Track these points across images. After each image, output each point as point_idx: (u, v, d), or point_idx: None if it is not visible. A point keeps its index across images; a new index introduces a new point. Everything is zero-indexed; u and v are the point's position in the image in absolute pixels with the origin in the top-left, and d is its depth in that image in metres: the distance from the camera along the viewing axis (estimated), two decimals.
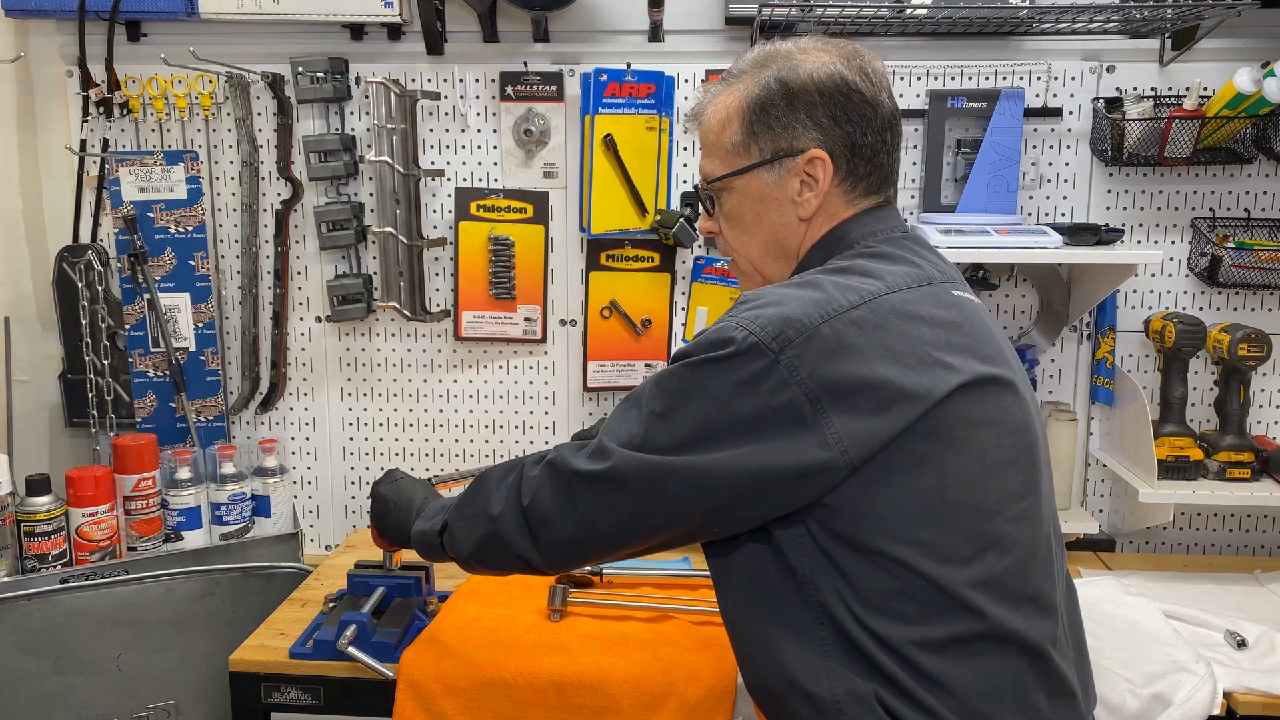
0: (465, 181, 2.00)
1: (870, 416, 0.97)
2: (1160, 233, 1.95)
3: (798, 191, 1.14)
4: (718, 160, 1.18)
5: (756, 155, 1.14)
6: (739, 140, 1.15)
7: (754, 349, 0.98)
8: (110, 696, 1.68)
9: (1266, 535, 2.02)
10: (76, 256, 1.97)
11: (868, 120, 1.12)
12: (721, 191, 1.19)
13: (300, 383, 2.09)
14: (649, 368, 2.05)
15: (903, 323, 1.01)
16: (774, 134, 1.13)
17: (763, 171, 1.14)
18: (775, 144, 1.13)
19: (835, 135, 1.12)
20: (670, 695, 1.43)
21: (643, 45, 1.94)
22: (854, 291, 1.02)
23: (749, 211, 1.17)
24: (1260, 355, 1.80)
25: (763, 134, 1.13)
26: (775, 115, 1.12)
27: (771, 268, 1.20)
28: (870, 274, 1.06)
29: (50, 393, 2.07)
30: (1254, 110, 1.75)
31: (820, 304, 1.00)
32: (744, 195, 1.17)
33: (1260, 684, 1.47)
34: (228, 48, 1.95)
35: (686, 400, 1.02)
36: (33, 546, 1.78)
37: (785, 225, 1.16)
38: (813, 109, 1.11)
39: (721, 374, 1.00)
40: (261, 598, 1.77)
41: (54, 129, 2.02)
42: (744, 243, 1.20)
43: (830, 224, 1.15)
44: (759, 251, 1.19)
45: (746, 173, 1.15)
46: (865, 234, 1.14)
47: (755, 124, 1.14)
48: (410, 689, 1.46)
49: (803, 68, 1.12)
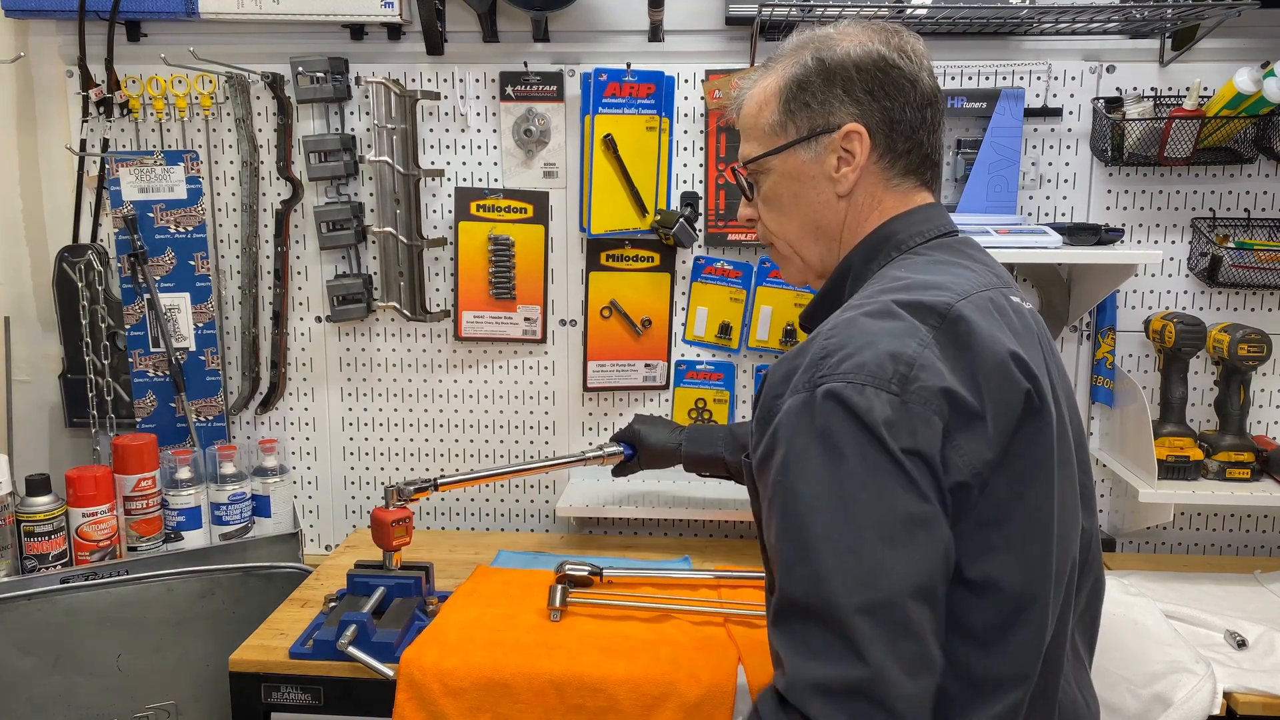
0: (465, 181, 2.00)
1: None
2: (1160, 233, 1.95)
3: (835, 168, 1.12)
4: (755, 142, 1.17)
5: (793, 133, 1.13)
6: (776, 120, 1.14)
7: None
8: (110, 696, 1.68)
9: (1266, 535, 2.02)
10: (76, 256, 1.97)
11: (906, 96, 1.11)
12: (759, 174, 1.18)
13: (300, 383, 2.09)
14: (649, 368, 2.05)
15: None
16: (811, 111, 1.12)
17: (799, 149, 1.13)
18: (812, 121, 1.12)
19: (873, 110, 1.11)
20: (670, 695, 1.43)
21: (643, 45, 1.94)
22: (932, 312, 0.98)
23: (786, 191, 1.16)
24: (1260, 355, 1.80)
25: (799, 112, 1.13)
26: (812, 93, 1.12)
27: (810, 250, 1.18)
28: (938, 287, 1.02)
29: (50, 393, 2.07)
30: (1254, 110, 1.75)
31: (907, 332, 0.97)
32: (781, 175, 1.16)
33: (1260, 684, 1.47)
34: (228, 48, 1.95)
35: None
36: (33, 546, 1.78)
37: (824, 204, 1.14)
38: (849, 84, 1.11)
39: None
40: (261, 598, 1.77)
41: (54, 129, 2.02)
42: (782, 224, 1.18)
43: (875, 215, 1.13)
44: (796, 233, 1.18)
45: (783, 151, 1.14)
46: (912, 234, 1.12)
47: (792, 102, 1.13)
48: (410, 689, 1.46)
49: (839, 47, 1.12)
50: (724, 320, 2.01)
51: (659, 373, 2.05)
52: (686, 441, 1.74)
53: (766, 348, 2.01)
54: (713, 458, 1.72)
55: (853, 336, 0.97)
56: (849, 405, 0.92)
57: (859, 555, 0.89)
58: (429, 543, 2.01)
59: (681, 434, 1.76)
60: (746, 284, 2.00)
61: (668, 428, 1.78)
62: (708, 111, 1.94)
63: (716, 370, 2.04)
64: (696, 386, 2.05)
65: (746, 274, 1.99)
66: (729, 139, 1.95)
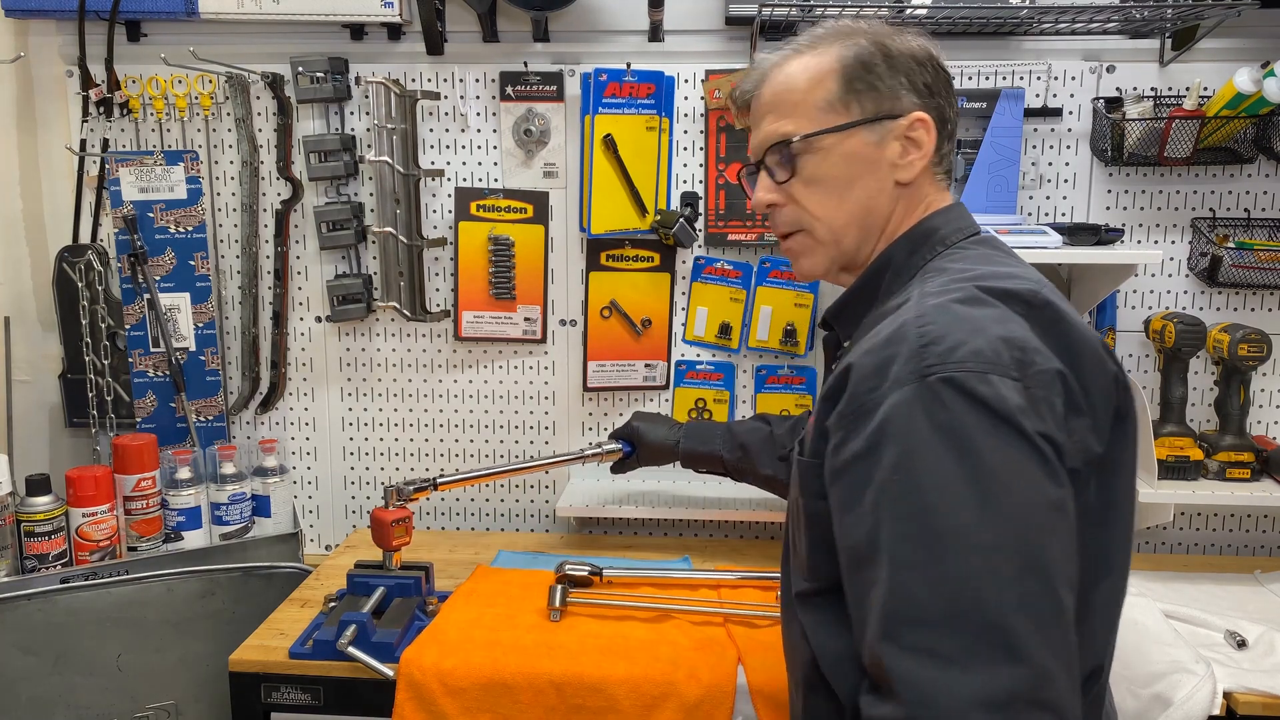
0: (465, 181, 2.00)
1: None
2: (1160, 233, 1.95)
3: (900, 154, 1.09)
4: (802, 119, 1.10)
5: (857, 113, 1.09)
6: (836, 98, 1.09)
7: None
8: (110, 696, 1.68)
9: (1266, 535, 2.02)
10: (76, 256, 1.97)
11: (951, 97, 1.12)
12: (803, 153, 1.10)
13: (300, 383, 2.09)
14: (649, 368, 2.05)
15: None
16: (877, 94, 1.08)
17: (863, 131, 1.09)
18: (878, 104, 1.08)
19: (930, 104, 1.09)
20: (670, 695, 1.43)
21: (643, 45, 1.94)
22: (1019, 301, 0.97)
23: (841, 174, 1.10)
24: (1260, 355, 1.80)
25: (865, 92, 1.08)
26: (878, 75, 1.08)
27: (851, 239, 1.12)
28: (1011, 276, 1.01)
29: (50, 393, 2.07)
30: (1254, 110, 1.75)
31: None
32: (837, 156, 1.10)
33: (1260, 684, 1.47)
34: (228, 48, 1.95)
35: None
36: (33, 546, 1.78)
37: (880, 191, 1.10)
38: (911, 74, 1.09)
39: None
40: (261, 598, 1.77)
41: (54, 129, 2.02)
42: (828, 209, 1.11)
43: (921, 209, 1.12)
44: (844, 219, 1.11)
45: (845, 130, 1.09)
46: (953, 230, 1.11)
47: (857, 81, 1.08)
48: (410, 689, 1.46)
49: (897, 37, 1.10)
50: (724, 320, 2.01)
51: (659, 373, 2.05)
52: (684, 438, 1.74)
53: (766, 348, 2.01)
54: (710, 455, 1.71)
55: (954, 323, 0.92)
56: (974, 394, 0.87)
57: (1010, 549, 0.83)
58: (429, 543, 2.01)
59: (680, 431, 1.76)
60: (746, 284, 2.00)
61: (666, 425, 1.78)
62: (708, 111, 1.94)
63: (716, 370, 2.04)
64: (696, 386, 2.05)
65: (746, 274, 1.99)
66: (729, 139, 1.95)
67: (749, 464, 1.68)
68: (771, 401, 2.02)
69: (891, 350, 0.93)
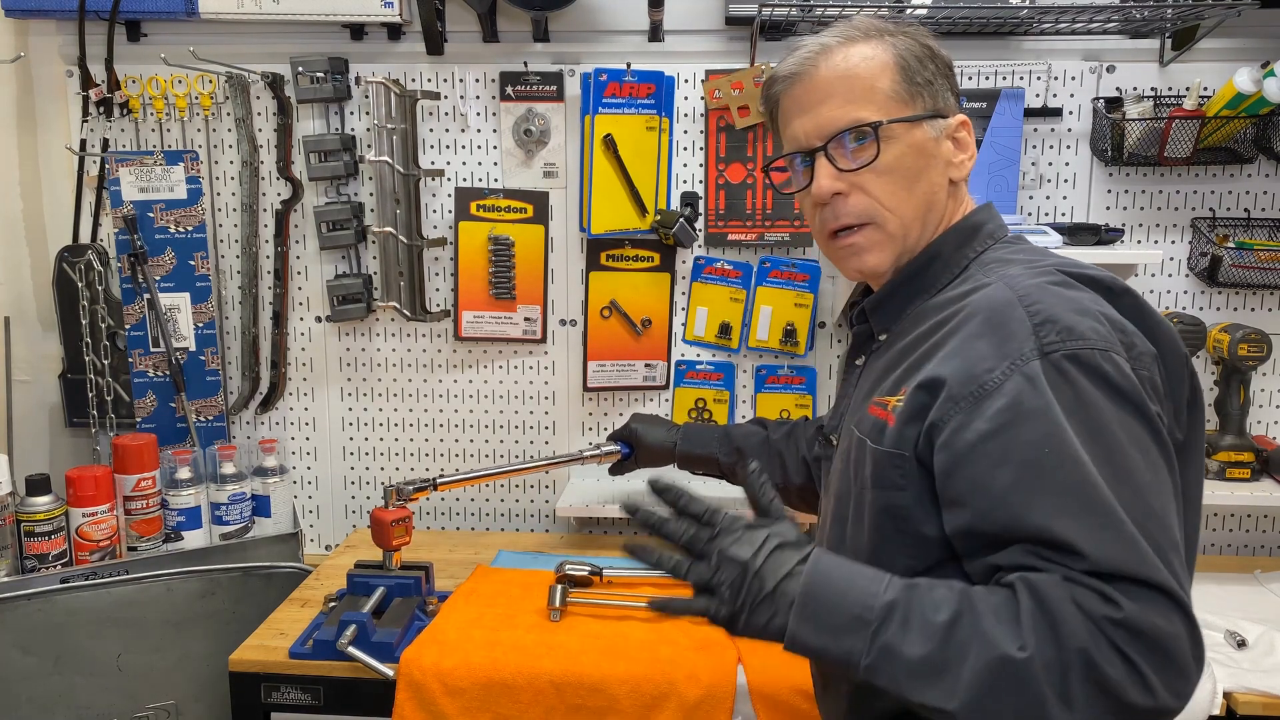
0: (465, 181, 2.00)
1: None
2: (1160, 233, 1.95)
3: (952, 153, 1.11)
4: (874, 106, 1.07)
5: (921, 107, 1.09)
6: (900, 90, 1.08)
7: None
8: (110, 696, 1.68)
9: (1266, 535, 2.02)
10: (76, 256, 1.97)
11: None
12: (887, 140, 1.07)
13: (300, 383, 2.09)
14: (649, 368, 2.05)
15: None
16: (932, 90, 1.10)
17: (926, 125, 1.09)
18: (934, 102, 1.10)
19: (960, 108, 1.12)
20: (670, 696, 1.43)
21: (643, 45, 1.94)
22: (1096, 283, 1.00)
23: (912, 165, 1.08)
24: (1260, 355, 1.80)
25: (923, 89, 1.09)
26: (928, 75, 1.09)
27: (915, 234, 1.10)
28: (1077, 264, 1.03)
29: (50, 393, 2.07)
30: (1254, 110, 1.75)
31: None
32: (909, 147, 1.08)
33: (1260, 684, 1.47)
34: (228, 48, 1.95)
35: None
36: (33, 546, 1.78)
37: (940, 187, 1.11)
38: (949, 77, 1.12)
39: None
40: (261, 598, 1.77)
41: (54, 129, 2.02)
42: (902, 200, 1.09)
43: (963, 208, 1.13)
44: (913, 211, 1.09)
45: (915, 121, 1.08)
46: (997, 226, 1.12)
47: (915, 77, 1.09)
48: (410, 689, 1.46)
49: (932, 40, 1.11)
50: (724, 320, 2.01)
51: (659, 373, 2.05)
52: (682, 440, 1.74)
53: (766, 347, 2.01)
54: (706, 457, 1.71)
55: (1059, 303, 0.94)
56: (1100, 370, 0.90)
57: (1153, 527, 0.87)
58: (429, 543, 2.01)
59: (677, 433, 1.76)
60: (746, 284, 2.00)
61: (664, 426, 1.78)
62: (708, 111, 1.94)
63: (716, 370, 2.04)
64: (696, 386, 2.04)
65: (746, 274, 1.99)
66: (729, 139, 1.95)
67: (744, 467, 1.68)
68: (771, 401, 2.02)
69: (1003, 329, 0.94)
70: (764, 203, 1.96)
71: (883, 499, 1.02)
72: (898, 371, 1.06)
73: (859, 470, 1.06)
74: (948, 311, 1.03)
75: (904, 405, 1.00)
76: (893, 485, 1.01)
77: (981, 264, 1.08)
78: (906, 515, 0.99)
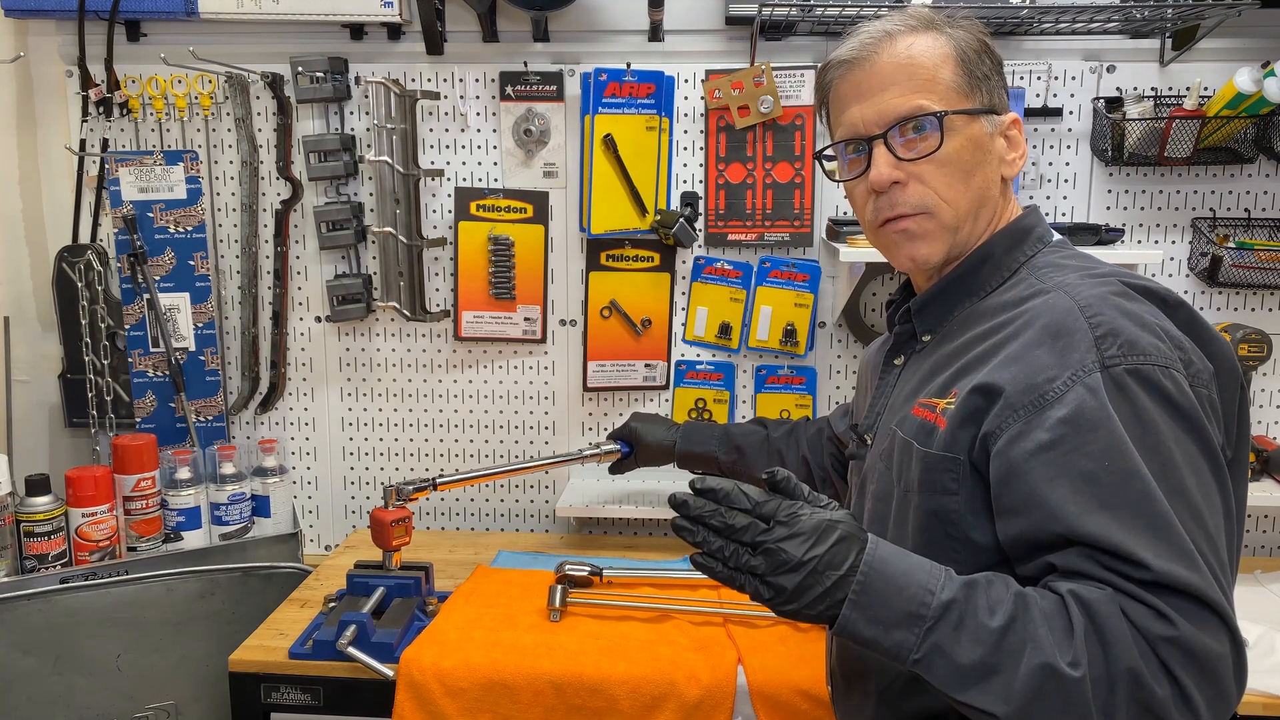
0: (465, 181, 2.00)
1: None
2: (1160, 233, 1.94)
3: (1006, 150, 1.09)
4: (935, 97, 1.05)
5: (979, 102, 1.07)
6: (961, 83, 1.06)
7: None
8: (110, 696, 1.68)
9: (1266, 535, 2.02)
10: (76, 256, 1.97)
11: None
12: (949, 131, 1.05)
13: (300, 383, 2.09)
14: (649, 368, 2.05)
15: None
16: (989, 85, 1.08)
17: (983, 120, 1.07)
18: (990, 97, 1.08)
19: (1009, 107, 1.10)
20: (670, 696, 1.43)
21: (643, 45, 1.94)
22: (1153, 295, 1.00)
23: (970, 157, 1.06)
24: (1260, 355, 1.80)
25: (980, 84, 1.07)
26: (985, 70, 1.08)
27: (968, 228, 1.08)
28: (1131, 274, 1.03)
29: (50, 393, 2.07)
30: (1254, 110, 1.75)
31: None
32: (968, 140, 1.06)
33: (1260, 684, 1.47)
34: (228, 48, 1.95)
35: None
36: (32, 546, 1.78)
37: (993, 183, 1.09)
38: (1001, 76, 1.10)
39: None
40: (261, 598, 1.77)
41: (54, 129, 2.02)
42: (959, 193, 1.07)
43: (1012, 208, 1.12)
44: (968, 205, 1.07)
45: (977, 115, 1.07)
46: (1046, 230, 1.11)
47: (974, 71, 1.07)
48: (410, 689, 1.46)
49: (987, 37, 1.10)
50: (724, 320, 2.01)
51: (659, 373, 2.05)
52: (681, 439, 1.74)
53: (766, 348, 2.01)
54: (705, 456, 1.71)
55: (1121, 316, 0.93)
56: (1160, 387, 0.90)
57: (1205, 547, 0.88)
58: (429, 543, 2.01)
59: (677, 432, 1.76)
60: (746, 284, 1.99)
61: (664, 425, 1.78)
62: (708, 111, 1.94)
63: (716, 370, 2.04)
64: (696, 386, 2.04)
65: (746, 274, 1.99)
66: (729, 139, 1.94)
67: (744, 466, 1.68)
68: (771, 401, 2.02)
69: (1065, 340, 0.93)
70: (764, 203, 1.96)
71: (931, 503, 1.01)
72: (947, 374, 1.04)
73: (903, 472, 1.05)
74: (1004, 316, 1.02)
75: (956, 408, 0.99)
76: (943, 489, 1.00)
77: (1033, 268, 1.07)
78: (957, 520, 0.99)
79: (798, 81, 1.90)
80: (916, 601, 0.89)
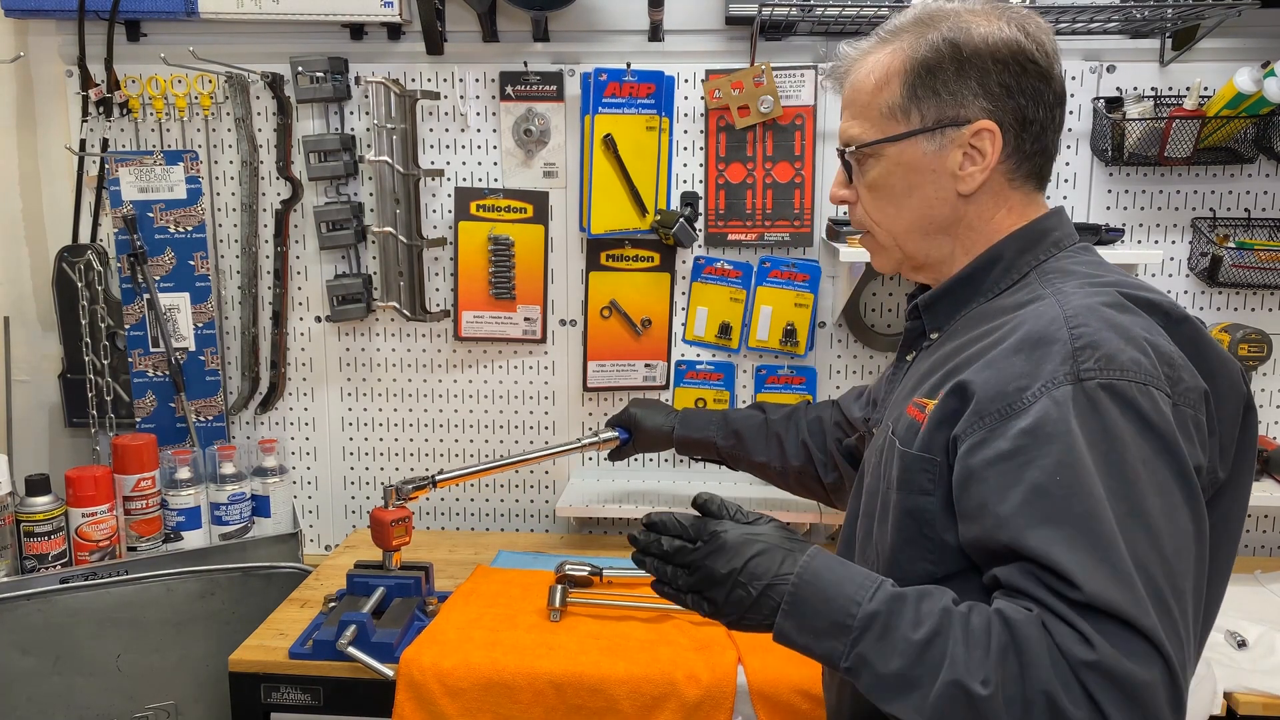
0: (465, 181, 2.00)
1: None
2: (1160, 233, 1.94)
3: (960, 165, 1.05)
4: (867, 124, 1.08)
5: (917, 122, 1.05)
6: (897, 104, 1.05)
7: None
8: (110, 696, 1.68)
9: (1266, 535, 2.02)
10: (76, 256, 1.97)
11: (1040, 94, 1.05)
12: (867, 158, 1.09)
13: (300, 383, 2.09)
14: (649, 368, 2.05)
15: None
16: (939, 100, 1.04)
17: (922, 140, 1.05)
18: (940, 111, 1.04)
19: (1006, 107, 1.03)
20: (670, 696, 1.43)
21: (643, 45, 1.94)
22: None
23: (899, 182, 1.07)
24: (1260, 355, 1.80)
25: (927, 99, 1.04)
26: (943, 80, 1.03)
27: (916, 244, 1.10)
28: (1140, 285, 1.00)
29: (50, 393, 2.07)
30: (1254, 110, 1.75)
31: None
32: (895, 164, 1.07)
33: (1260, 684, 1.47)
34: (228, 48, 1.95)
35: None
36: (32, 546, 1.78)
37: (940, 200, 1.07)
38: (985, 76, 1.03)
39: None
40: (261, 598, 1.77)
41: (54, 129, 2.02)
42: (888, 215, 1.10)
43: (1004, 212, 1.07)
44: (904, 226, 1.09)
45: (901, 140, 1.06)
46: (1065, 234, 1.08)
47: (919, 87, 1.04)
48: (410, 689, 1.46)
49: (976, 30, 1.03)
50: (724, 320, 2.01)
51: (659, 373, 2.05)
52: (679, 425, 1.74)
53: (766, 348, 2.01)
54: (704, 441, 1.71)
55: (1106, 328, 0.91)
56: (1135, 404, 0.88)
57: (1155, 570, 0.85)
58: (429, 543, 2.01)
59: (675, 417, 1.76)
60: (746, 284, 1.99)
61: (663, 411, 1.78)
62: (708, 111, 1.94)
63: (716, 370, 2.04)
64: (696, 386, 2.04)
65: (746, 274, 1.99)
66: (729, 139, 1.94)
67: (742, 451, 1.68)
68: (771, 401, 2.02)
69: (1042, 349, 0.92)
70: (764, 203, 1.96)
71: (908, 501, 1.01)
72: (940, 373, 1.04)
73: (887, 470, 1.06)
74: (998, 320, 1.01)
75: (935, 409, 0.99)
76: (919, 489, 1.00)
77: (1042, 272, 1.05)
78: (931, 520, 0.99)
79: (798, 81, 1.90)
80: (843, 612, 0.92)
